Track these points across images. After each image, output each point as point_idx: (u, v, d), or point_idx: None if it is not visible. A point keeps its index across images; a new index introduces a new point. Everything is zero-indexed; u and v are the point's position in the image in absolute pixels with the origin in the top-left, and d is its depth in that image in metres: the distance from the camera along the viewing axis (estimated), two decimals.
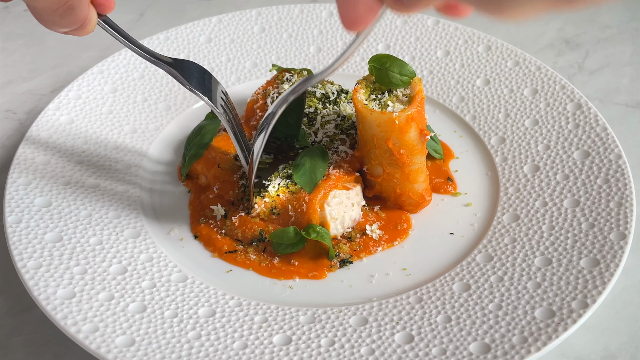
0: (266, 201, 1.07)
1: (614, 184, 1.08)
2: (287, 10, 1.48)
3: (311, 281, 1.03)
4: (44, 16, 0.83)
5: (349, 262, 1.05)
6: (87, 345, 0.89)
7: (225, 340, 0.92)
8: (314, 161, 1.08)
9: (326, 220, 1.06)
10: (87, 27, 0.87)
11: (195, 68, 1.03)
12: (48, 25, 0.85)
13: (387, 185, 1.11)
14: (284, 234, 1.04)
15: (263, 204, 1.07)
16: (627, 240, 0.99)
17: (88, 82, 1.31)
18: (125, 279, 1.00)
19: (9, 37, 1.60)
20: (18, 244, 1.02)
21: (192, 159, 1.16)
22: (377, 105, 1.04)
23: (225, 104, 1.06)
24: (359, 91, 1.06)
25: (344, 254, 1.06)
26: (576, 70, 1.47)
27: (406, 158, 1.06)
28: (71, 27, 0.85)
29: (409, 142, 1.04)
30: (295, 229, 1.05)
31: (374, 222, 1.10)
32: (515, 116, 1.25)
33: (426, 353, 0.89)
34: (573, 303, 0.92)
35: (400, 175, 1.08)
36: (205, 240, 1.09)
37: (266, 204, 1.07)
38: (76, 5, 0.83)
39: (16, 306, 1.04)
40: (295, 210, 1.06)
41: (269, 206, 1.07)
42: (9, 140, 1.33)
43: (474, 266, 1.02)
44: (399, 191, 1.10)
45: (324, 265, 1.04)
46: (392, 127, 1.03)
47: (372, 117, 1.03)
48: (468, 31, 1.40)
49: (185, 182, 1.18)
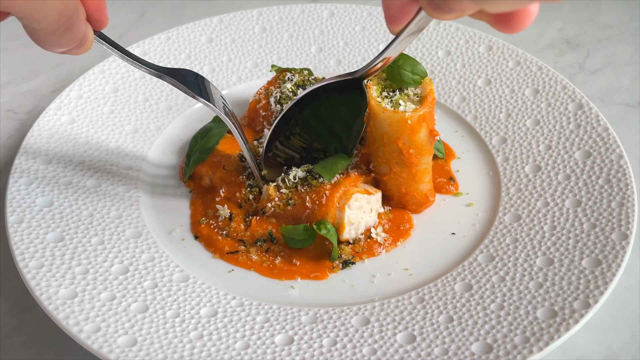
0: (283, 192, 1.07)
1: (616, 184, 1.08)
2: (288, 10, 1.48)
3: (313, 281, 1.03)
4: (43, 37, 0.81)
5: (352, 263, 1.05)
6: (89, 345, 0.89)
7: (227, 340, 0.92)
8: (336, 157, 1.09)
9: (343, 222, 1.05)
10: (85, 44, 0.86)
11: (191, 75, 1.04)
12: (46, 45, 0.83)
13: (392, 184, 1.11)
14: (295, 230, 1.05)
15: (277, 197, 1.07)
16: (628, 240, 1.00)
17: (89, 82, 1.31)
18: (127, 278, 1.00)
19: (10, 37, 1.60)
20: (20, 243, 1.02)
21: (195, 162, 1.16)
22: (389, 104, 1.04)
23: (227, 108, 1.07)
24: (371, 88, 1.06)
25: (346, 255, 1.06)
26: (577, 70, 1.47)
27: (414, 158, 1.06)
28: (70, 46, 0.84)
29: (419, 142, 1.04)
30: (305, 226, 1.05)
31: (378, 225, 1.10)
32: (517, 116, 1.25)
33: (428, 353, 0.89)
34: (575, 303, 0.92)
35: (406, 174, 1.08)
36: (206, 241, 1.09)
37: (281, 196, 1.07)
38: (75, 23, 0.82)
39: (17, 306, 1.04)
40: (313, 202, 1.05)
41: (284, 197, 1.07)
42: (10, 140, 1.33)
43: (476, 266, 1.02)
44: (404, 190, 1.10)
45: (326, 266, 1.04)
46: (403, 126, 1.02)
47: (384, 115, 1.03)
48: (469, 31, 1.40)
49: (187, 182, 1.18)
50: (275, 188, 1.08)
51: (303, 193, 1.06)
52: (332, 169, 1.06)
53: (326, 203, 1.05)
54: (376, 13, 1.46)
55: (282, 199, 1.07)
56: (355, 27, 1.45)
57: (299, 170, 1.08)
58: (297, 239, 1.05)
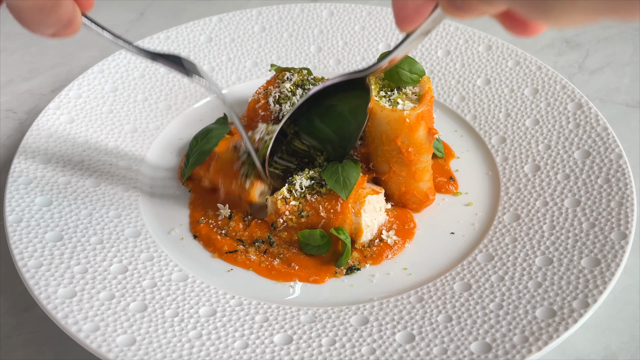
0: (292, 204, 1.04)
1: (615, 184, 1.08)
2: (287, 9, 1.48)
3: None
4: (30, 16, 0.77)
5: (357, 269, 1.04)
6: (88, 345, 0.89)
7: (226, 339, 0.92)
8: (345, 166, 1.06)
9: (361, 227, 1.04)
10: (73, 25, 0.82)
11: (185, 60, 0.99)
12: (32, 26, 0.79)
13: (392, 183, 1.11)
14: (311, 235, 1.04)
15: (288, 210, 1.04)
16: (627, 239, 1.00)
17: (88, 82, 1.31)
18: (125, 278, 1.00)
19: (9, 36, 1.60)
20: (18, 243, 1.02)
21: (194, 164, 1.15)
22: (387, 103, 1.04)
23: None
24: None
25: (353, 261, 1.05)
26: (576, 70, 1.47)
27: (413, 156, 1.06)
28: (56, 25, 0.80)
29: (418, 141, 1.04)
30: (321, 232, 1.03)
31: (391, 227, 1.09)
32: (516, 116, 1.25)
33: (427, 352, 0.89)
34: (574, 302, 0.92)
35: (406, 173, 1.08)
36: (205, 240, 1.09)
37: (292, 208, 1.05)
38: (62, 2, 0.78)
39: (16, 305, 1.04)
40: (328, 211, 1.04)
41: (295, 210, 1.04)
42: (9, 139, 1.33)
43: (475, 266, 1.02)
44: (403, 189, 1.10)
45: (329, 272, 1.03)
46: (402, 125, 1.02)
47: (383, 114, 1.03)
48: (469, 31, 1.40)
49: (186, 182, 1.18)
50: (283, 201, 1.05)
51: (314, 202, 1.04)
52: (346, 184, 1.03)
53: (342, 210, 1.03)
54: (375, 13, 1.46)
55: (293, 212, 1.05)
56: (354, 27, 1.45)
57: (303, 178, 1.06)
58: (312, 245, 1.04)
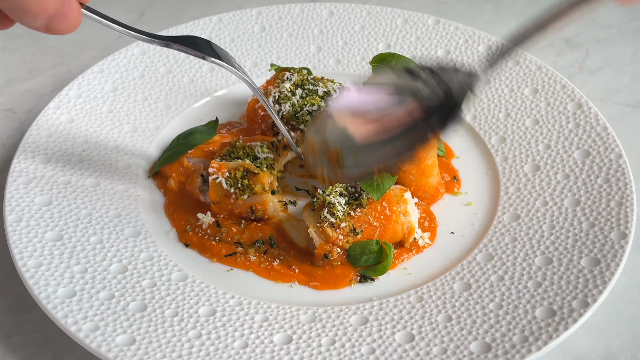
0: (343, 226, 1.01)
1: (615, 184, 1.08)
2: (287, 9, 1.48)
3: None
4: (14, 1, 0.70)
5: (371, 279, 1.02)
6: (88, 344, 0.89)
7: (226, 339, 0.92)
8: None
9: (412, 225, 1.04)
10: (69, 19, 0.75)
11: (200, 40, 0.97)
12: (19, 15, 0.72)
13: (403, 183, 1.11)
14: (367, 245, 1.01)
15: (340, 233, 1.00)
16: (627, 239, 1.00)
17: (88, 81, 1.31)
18: (125, 277, 1.00)
19: (9, 36, 1.60)
20: (18, 242, 1.02)
21: (163, 162, 1.17)
22: None
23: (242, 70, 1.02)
24: None
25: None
26: (576, 70, 1.47)
27: (422, 152, 1.06)
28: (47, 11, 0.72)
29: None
30: (377, 241, 1.02)
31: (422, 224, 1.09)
32: (516, 116, 1.25)
33: (427, 352, 0.89)
34: (574, 302, 0.92)
35: (416, 170, 1.09)
36: (199, 248, 1.07)
37: (343, 230, 1.01)
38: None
39: (16, 305, 1.04)
40: (379, 219, 1.02)
41: (347, 230, 1.01)
42: (9, 139, 1.33)
43: (475, 265, 1.02)
44: (415, 187, 1.11)
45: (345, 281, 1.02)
46: None
47: None
48: (468, 30, 1.40)
49: (153, 177, 1.18)
50: (330, 227, 1.00)
51: (362, 216, 1.02)
52: (379, 187, 1.01)
53: (391, 214, 1.02)
54: (375, 12, 1.46)
55: (346, 234, 1.01)
56: (354, 27, 1.45)
57: (337, 197, 1.03)
58: (368, 255, 1.01)
